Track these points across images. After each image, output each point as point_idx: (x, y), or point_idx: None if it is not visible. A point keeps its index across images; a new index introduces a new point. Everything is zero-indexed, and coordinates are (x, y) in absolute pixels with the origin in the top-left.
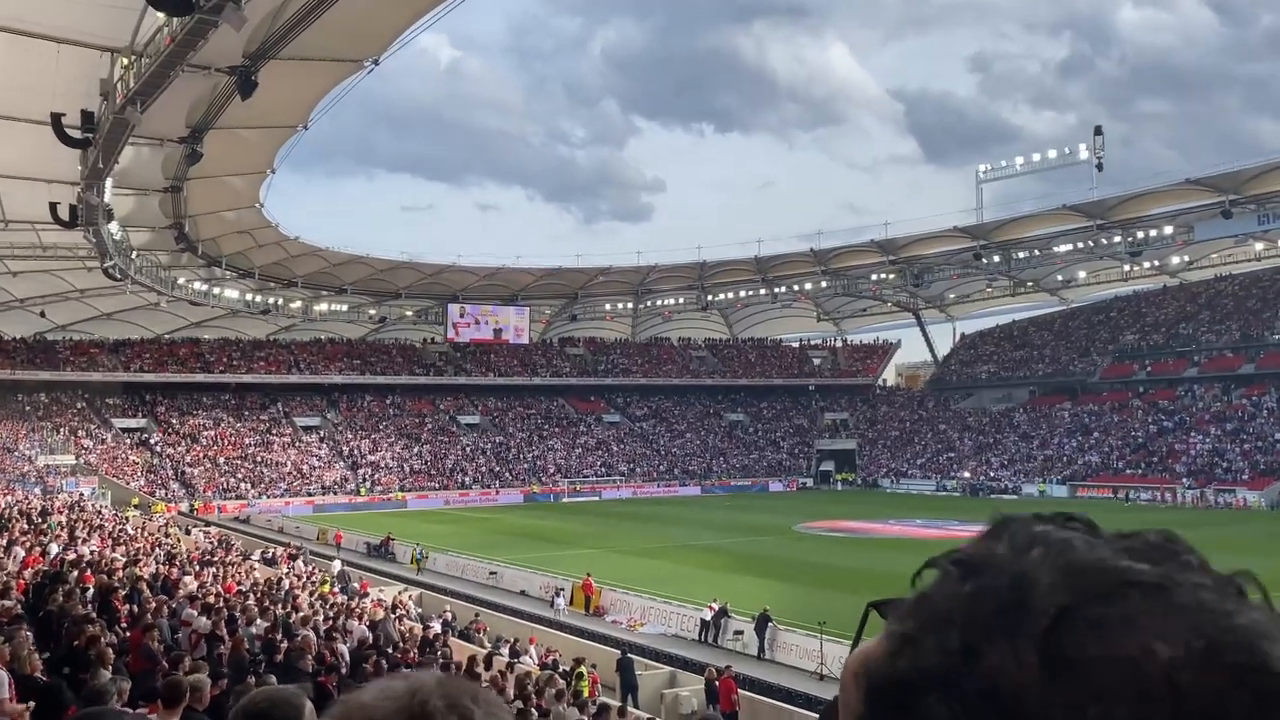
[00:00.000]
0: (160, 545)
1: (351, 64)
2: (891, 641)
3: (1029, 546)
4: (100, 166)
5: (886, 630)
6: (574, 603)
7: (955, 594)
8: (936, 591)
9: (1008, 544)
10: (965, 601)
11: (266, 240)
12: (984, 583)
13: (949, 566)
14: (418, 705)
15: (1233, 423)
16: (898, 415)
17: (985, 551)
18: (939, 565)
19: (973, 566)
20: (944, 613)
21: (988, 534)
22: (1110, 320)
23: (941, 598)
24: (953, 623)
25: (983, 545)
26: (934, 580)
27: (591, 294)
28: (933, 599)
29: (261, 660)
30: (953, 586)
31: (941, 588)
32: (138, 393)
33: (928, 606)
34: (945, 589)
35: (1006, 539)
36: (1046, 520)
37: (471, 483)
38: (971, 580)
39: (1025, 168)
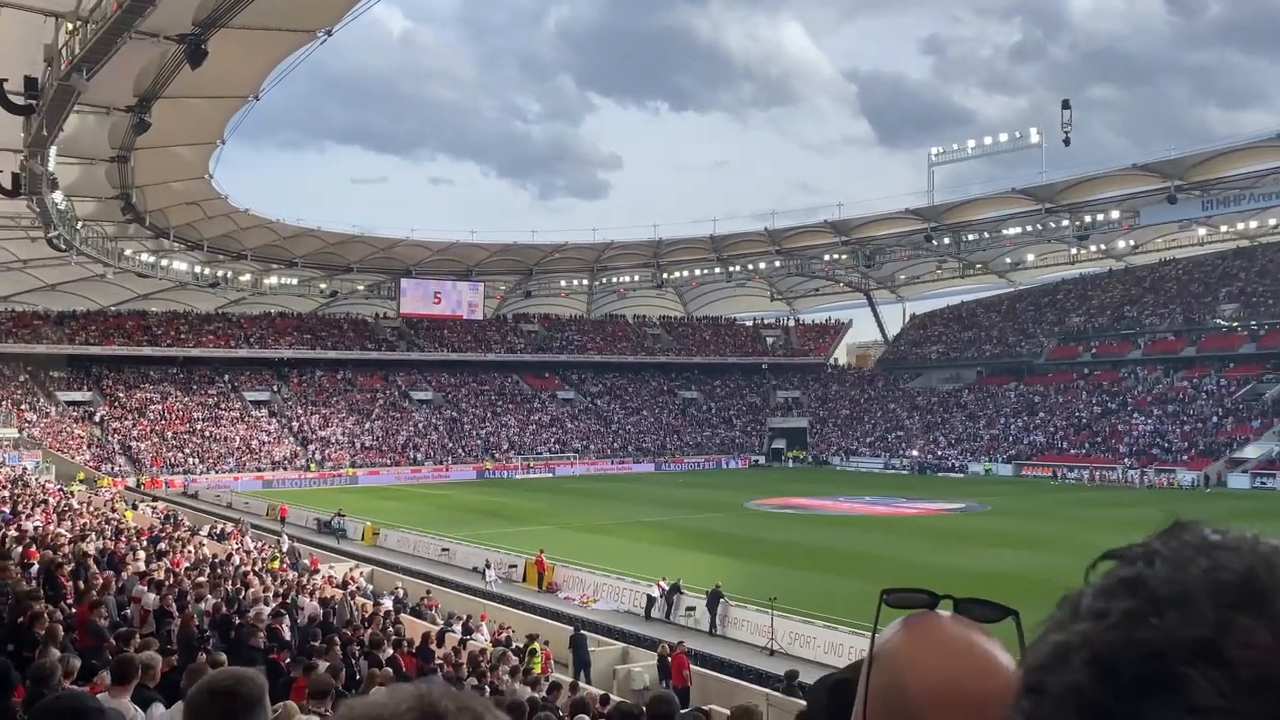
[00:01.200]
0: (107, 521)
1: (304, 34)
2: (1111, 617)
3: (1243, 542)
4: (44, 134)
5: (1085, 609)
6: (527, 579)
7: (1185, 575)
8: (1152, 574)
9: (1217, 540)
10: (1203, 581)
11: (216, 212)
12: (1218, 565)
13: (1159, 554)
14: (428, 705)
15: (1174, 404)
16: (848, 394)
17: (1191, 545)
18: (1130, 555)
19: (1187, 556)
20: (1181, 590)
21: (1173, 531)
22: (1057, 303)
23: (1166, 578)
24: (1195, 599)
25: (1178, 540)
26: (1136, 567)
27: (547, 270)
28: (1150, 580)
29: (211, 637)
30: (1175, 570)
31: (1160, 570)
32: (83, 366)
33: (1149, 585)
34: (1165, 572)
35: (1201, 535)
36: (1223, 528)
37: (424, 459)
38: (1195, 565)
39: (977, 151)
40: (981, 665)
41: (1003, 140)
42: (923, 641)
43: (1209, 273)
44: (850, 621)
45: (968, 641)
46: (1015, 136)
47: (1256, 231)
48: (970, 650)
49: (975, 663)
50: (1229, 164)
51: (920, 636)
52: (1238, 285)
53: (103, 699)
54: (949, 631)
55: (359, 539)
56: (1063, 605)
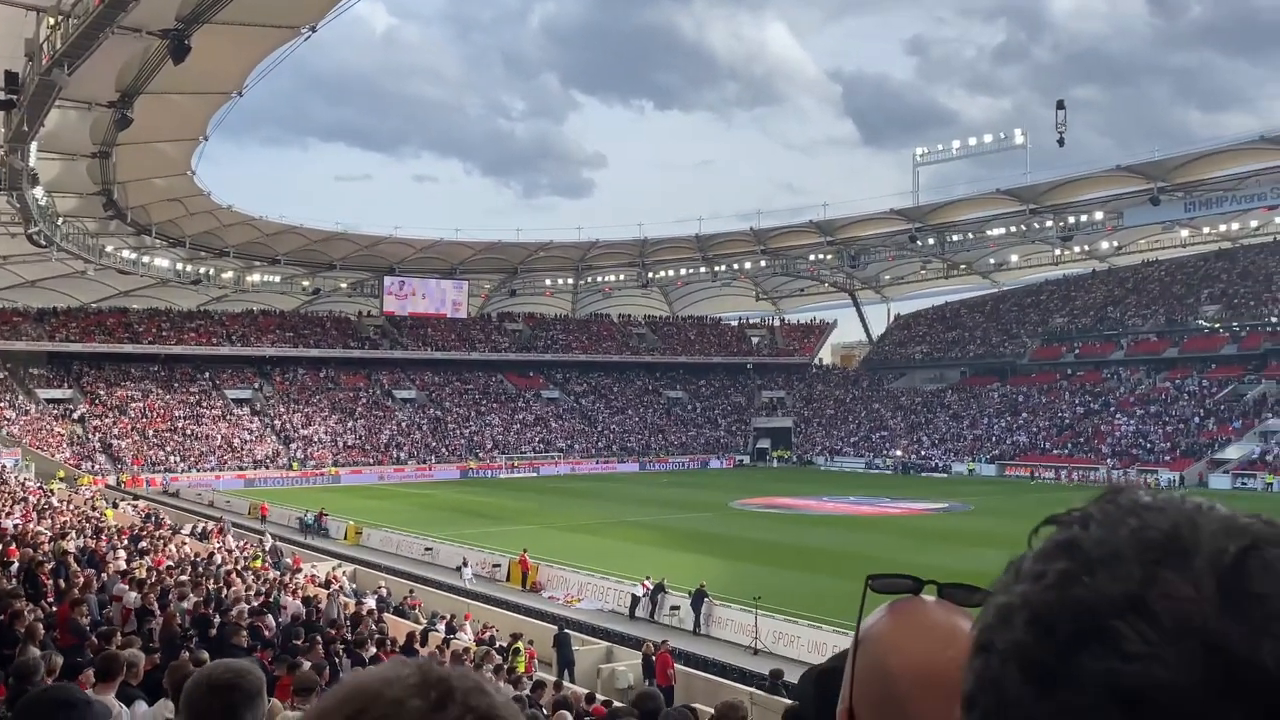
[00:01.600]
0: (88, 519)
1: (288, 30)
2: (1047, 578)
3: (1170, 503)
4: (25, 129)
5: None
6: (511, 579)
7: (1115, 535)
8: (1085, 537)
9: (1146, 501)
10: (1130, 540)
11: (198, 209)
12: (1145, 525)
13: (1093, 517)
14: (431, 674)
15: (1156, 405)
16: (833, 394)
17: (1123, 507)
18: (1066, 519)
19: (1118, 518)
20: (1111, 549)
21: (1107, 495)
22: (1040, 303)
23: (1098, 539)
24: (1123, 558)
25: (1112, 503)
26: (1072, 530)
27: (532, 269)
28: (1083, 542)
29: (193, 635)
30: (1107, 531)
31: (1093, 533)
32: (63, 363)
33: (1082, 547)
34: (1099, 533)
35: (1133, 498)
36: (1155, 489)
37: (407, 458)
38: (1124, 526)
39: (961, 151)
40: (964, 647)
41: (987, 141)
42: (906, 626)
43: (1191, 274)
44: (835, 621)
45: (951, 625)
46: (1000, 137)
47: (1238, 233)
48: (953, 633)
49: (958, 645)
50: (1211, 166)
51: (904, 621)
52: (1219, 287)
53: None
54: (932, 616)
55: (341, 538)
56: (1007, 569)
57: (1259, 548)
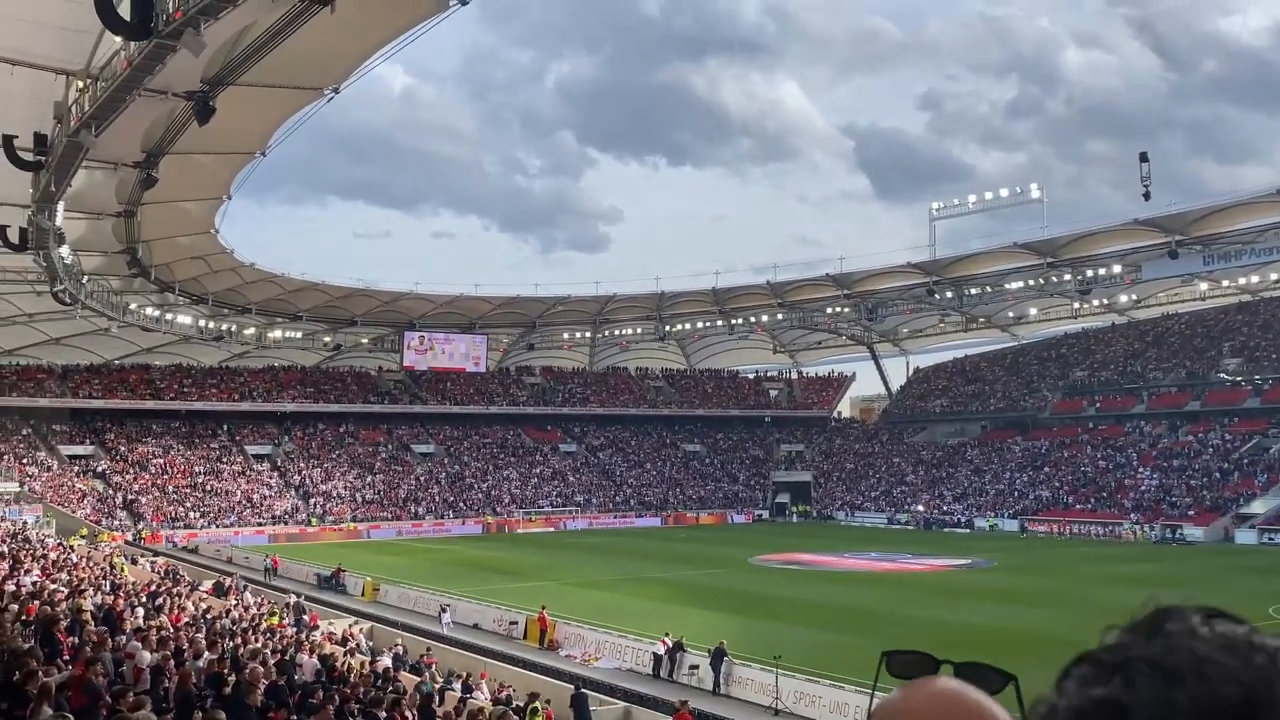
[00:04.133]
0: (106, 576)
1: (311, 91)
2: None
3: (1234, 649)
4: (52, 189)
5: None
6: (528, 636)
7: (1167, 704)
8: (1132, 700)
9: (1205, 646)
10: (1190, 713)
11: (221, 266)
12: (1212, 692)
13: (1139, 667)
14: None
15: (1179, 459)
16: (852, 448)
17: (1176, 653)
18: (1106, 662)
19: (1171, 671)
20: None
21: (1153, 626)
22: (1060, 356)
23: (1147, 708)
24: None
25: (1160, 644)
26: (1114, 686)
27: (549, 323)
28: (1130, 709)
29: (208, 695)
30: (1156, 695)
31: (1139, 695)
32: (85, 419)
33: (1124, 714)
34: (1147, 697)
35: (1186, 635)
36: (1213, 616)
37: (425, 513)
38: (1180, 689)
39: (977, 205)
40: (972, 716)
41: (1003, 195)
42: (920, 704)
43: (1211, 327)
44: (857, 680)
45: (964, 705)
46: (1016, 191)
47: (1258, 286)
48: (961, 704)
49: (965, 714)
50: (1229, 219)
51: (918, 700)
52: (1240, 339)
53: None
54: (947, 695)
55: (359, 594)
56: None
57: None
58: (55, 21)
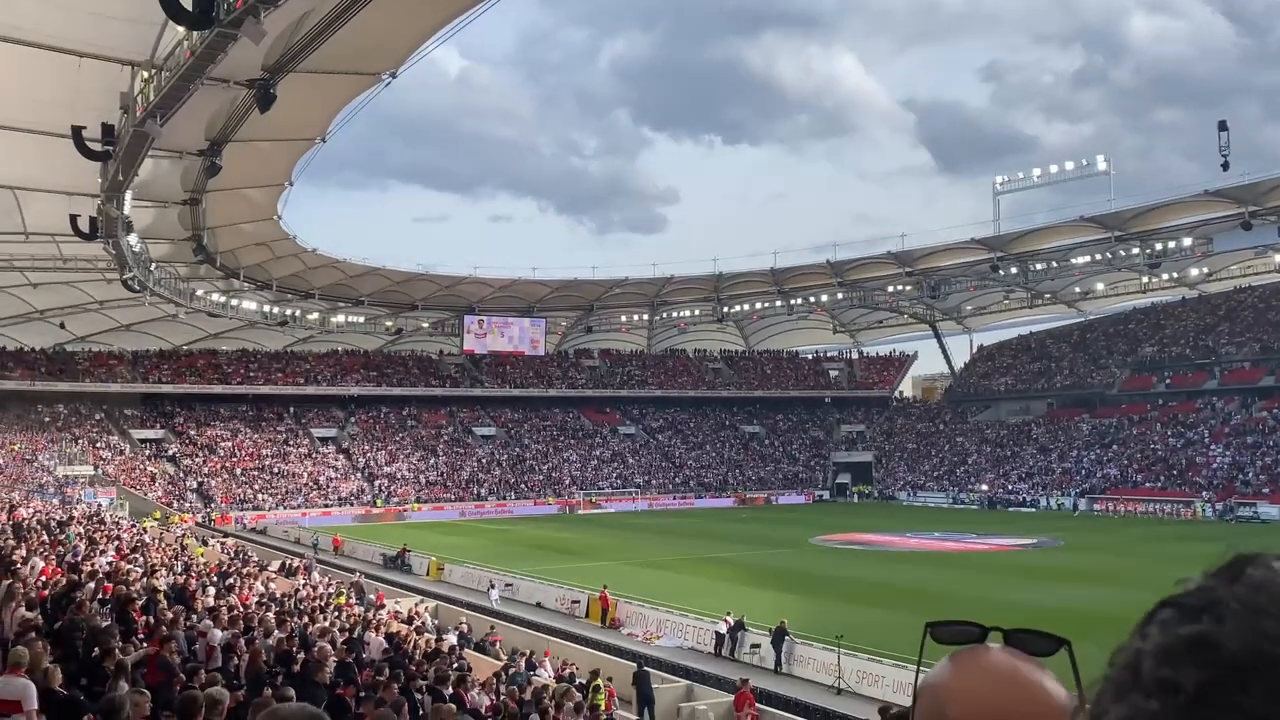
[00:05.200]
0: (178, 556)
1: (369, 77)
2: (1183, 693)
3: None
4: (120, 179)
5: (1149, 678)
6: (590, 615)
7: (1264, 634)
8: (1224, 635)
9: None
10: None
11: (284, 252)
12: None
13: (1228, 606)
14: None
15: (1253, 436)
16: (914, 428)
17: (1263, 591)
18: (1193, 605)
19: (1259, 607)
20: (1262, 657)
21: (1235, 571)
22: (1129, 332)
23: (1244, 642)
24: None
25: (1244, 584)
26: (1202, 623)
27: (607, 306)
28: (1224, 644)
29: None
30: (1248, 628)
31: (1230, 630)
32: (156, 404)
33: (1225, 651)
34: (1238, 631)
35: (1268, 575)
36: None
37: (487, 494)
38: (1270, 621)
39: (1042, 179)
40: (1028, 695)
41: (1069, 168)
42: (968, 674)
43: None
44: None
45: (1014, 672)
46: (1082, 164)
47: None
48: (1016, 681)
49: (1021, 693)
50: None
51: (966, 669)
52: None
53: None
54: (995, 663)
55: (424, 574)
56: (1119, 664)
57: None
58: (120, 14)
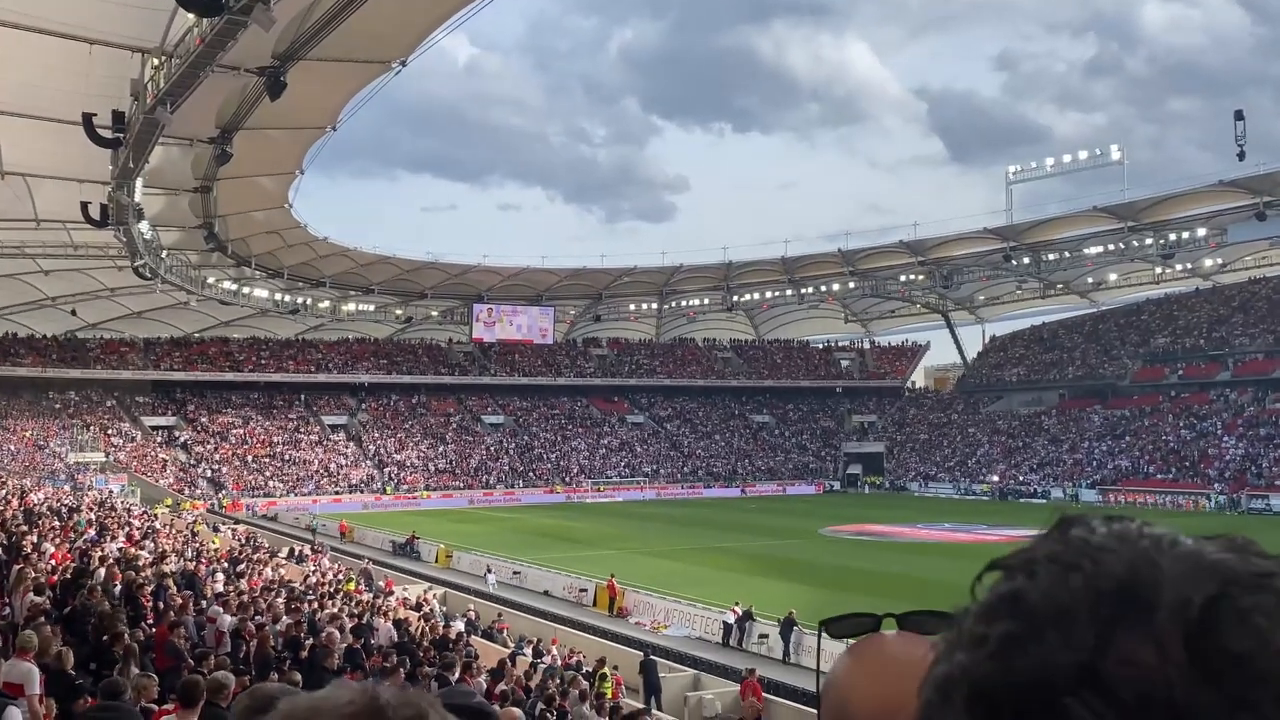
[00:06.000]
0: (188, 543)
1: (379, 65)
2: (989, 644)
3: (1126, 539)
4: (131, 166)
5: (966, 634)
6: (597, 603)
7: (1065, 587)
8: (1031, 588)
9: (1100, 538)
10: (1082, 593)
11: (295, 240)
12: (1099, 571)
13: (1041, 563)
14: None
15: (1266, 428)
16: (926, 418)
17: (1074, 547)
18: (1013, 565)
19: (1068, 561)
20: (1059, 606)
21: (1058, 531)
22: (1141, 323)
23: (1045, 592)
24: (1074, 616)
25: (1062, 542)
26: (1017, 580)
27: (616, 294)
28: (1029, 595)
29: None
30: (1053, 581)
31: (1039, 584)
32: (167, 391)
33: (1028, 602)
34: (1045, 585)
35: (1085, 534)
36: (1113, 519)
37: (495, 482)
38: (1075, 574)
39: (1055, 169)
40: (919, 677)
41: (1082, 158)
42: (864, 664)
43: None
44: None
45: (909, 656)
46: (1095, 154)
47: None
48: (910, 663)
49: (917, 673)
50: None
51: (861, 660)
52: None
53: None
54: (890, 650)
55: (432, 561)
56: (949, 626)
57: (1230, 594)
58: (131, 0)
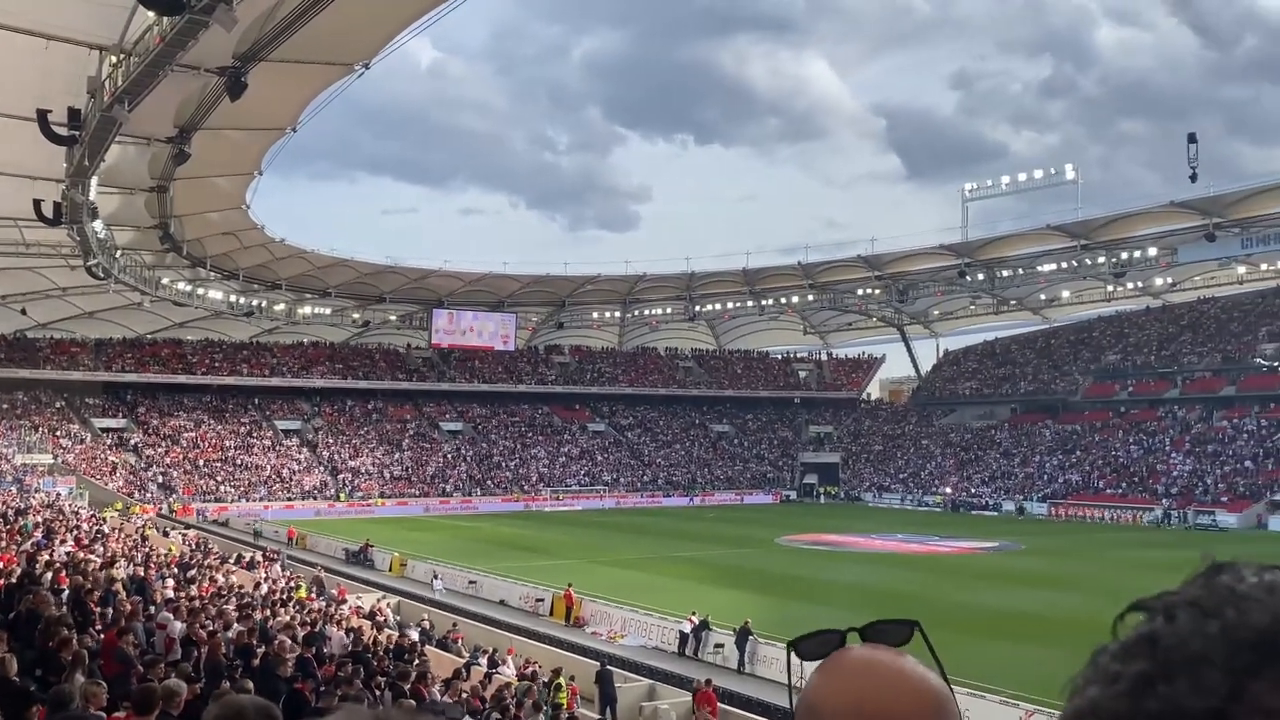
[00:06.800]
0: (138, 548)
1: (342, 67)
2: (1121, 682)
3: (1275, 590)
4: (86, 164)
5: (1101, 670)
6: (554, 613)
7: (1203, 633)
8: (1169, 632)
9: (1247, 587)
10: (1220, 640)
11: (252, 242)
12: (1241, 621)
13: (1182, 606)
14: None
15: (1213, 445)
16: (881, 430)
17: (1218, 594)
18: (1155, 606)
19: (1210, 608)
20: (1193, 652)
21: (1205, 577)
22: (1093, 340)
23: (1182, 637)
24: (1209, 662)
25: (1207, 588)
26: (1156, 622)
27: (579, 302)
28: (1165, 639)
29: (238, 665)
30: (1191, 627)
31: (1177, 628)
32: (118, 393)
33: (1164, 646)
34: (1182, 629)
35: (1233, 581)
36: (1267, 568)
37: (453, 490)
38: (1215, 620)
39: (1010, 187)
40: (890, 683)
41: (1037, 176)
42: (832, 679)
43: (1249, 311)
44: None
45: (869, 666)
46: (1050, 173)
47: None
48: (872, 672)
49: (883, 682)
50: (1269, 201)
51: (830, 676)
52: (1279, 324)
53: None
54: (855, 662)
55: (387, 569)
56: (1090, 661)
57: None
58: None
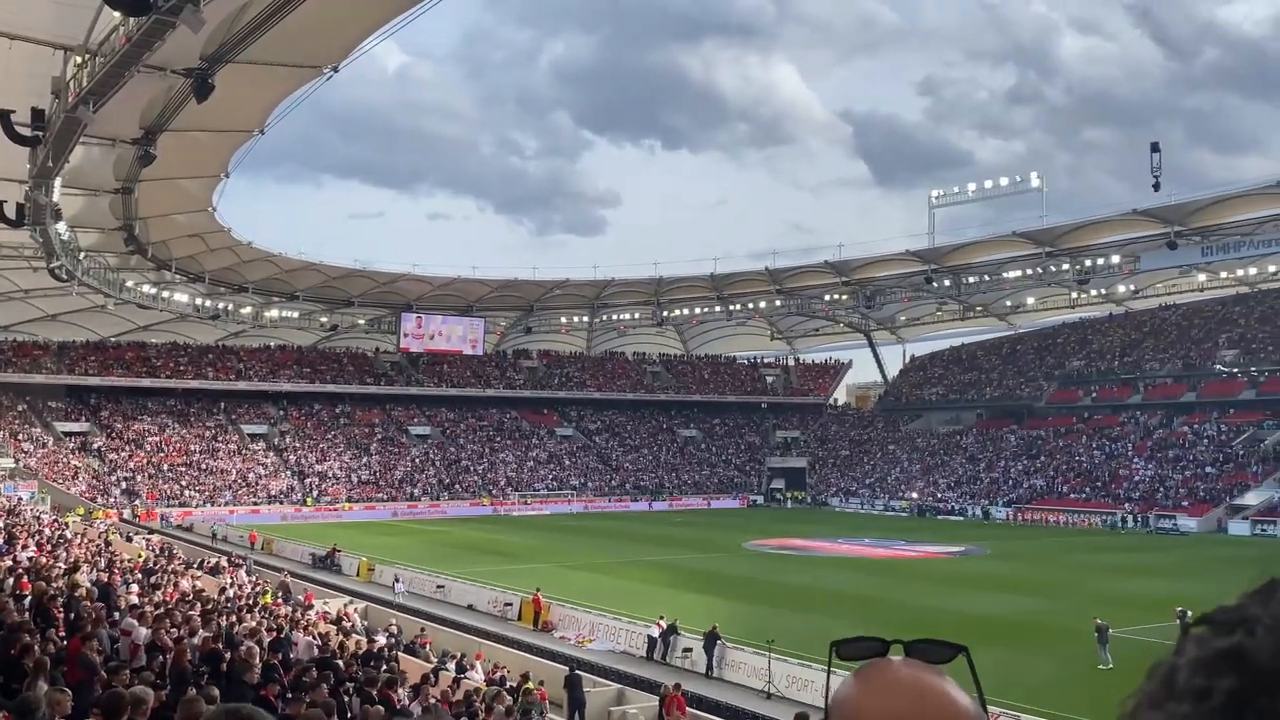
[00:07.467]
0: (101, 553)
1: (310, 70)
2: (1214, 698)
3: None
4: (50, 165)
5: (1183, 686)
6: (522, 618)
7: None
8: (1256, 647)
9: None
10: None
11: (218, 245)
12: None
13: (1260, 621)
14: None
15: (1174, 450)
16: (848, 435)
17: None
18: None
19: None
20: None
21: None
22: (1057, 346)
23: (1271, 652)
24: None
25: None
26: (1237, 636)
27: (547, 306)
28: (1255, 654)
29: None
30: (1274, 639)
31: (1264, 641)
32: (81, 396)
33: (1255, 660)
34: (1274, 643)
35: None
36: None
37: (420, 494)
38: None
39: (977, 194)
40: (932, 703)
41: (1003, 184)
42: (874, 687)
43: (1209, 318)
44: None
45: (916, 683)
46: (1016, 180)
47: (1256, 278)
48: (918, 691)
49: (924, 703)
50: (1229, 210)
51: (869, 684)
52: (1238, 331)
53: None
54: (898, 675)
55: (354, 575)
56: (1153, 677)
57: None
58: None
